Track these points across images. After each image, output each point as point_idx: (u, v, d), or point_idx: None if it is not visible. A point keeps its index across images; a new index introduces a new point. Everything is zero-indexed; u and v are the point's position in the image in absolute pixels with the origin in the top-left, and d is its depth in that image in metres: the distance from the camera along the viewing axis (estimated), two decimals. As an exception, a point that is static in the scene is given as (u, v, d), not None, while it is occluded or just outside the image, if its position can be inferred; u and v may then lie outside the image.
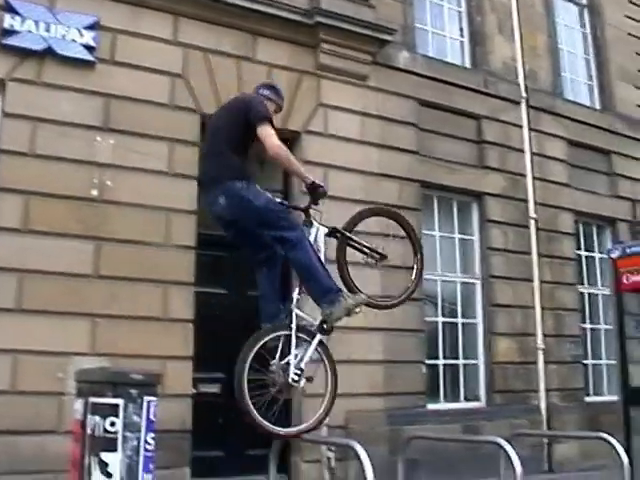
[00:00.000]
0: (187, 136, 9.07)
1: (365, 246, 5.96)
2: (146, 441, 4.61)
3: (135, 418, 4.54)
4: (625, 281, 7.57)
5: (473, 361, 11.31)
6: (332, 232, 5.82)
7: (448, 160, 11.32)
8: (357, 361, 9.65)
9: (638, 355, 9.44)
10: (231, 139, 5.45)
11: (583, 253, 13.24)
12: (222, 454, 9.13)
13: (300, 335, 5.34)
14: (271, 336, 5.29)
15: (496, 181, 11.86)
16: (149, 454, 4.73)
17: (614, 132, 13.88)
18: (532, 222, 12.16)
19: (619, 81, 14.43)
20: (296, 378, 5.22)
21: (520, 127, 12.47)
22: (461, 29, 12.65)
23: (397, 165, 10.68)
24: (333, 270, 5.64)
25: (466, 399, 11.22)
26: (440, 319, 11.00)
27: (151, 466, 4.81)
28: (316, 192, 5.52)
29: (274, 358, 5.28)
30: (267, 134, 5.33)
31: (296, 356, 5.27)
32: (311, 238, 5.60)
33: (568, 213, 12.81)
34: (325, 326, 5.42)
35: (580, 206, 13.00)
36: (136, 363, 7.13)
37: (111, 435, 4.47)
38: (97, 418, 4.51)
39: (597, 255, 13.37)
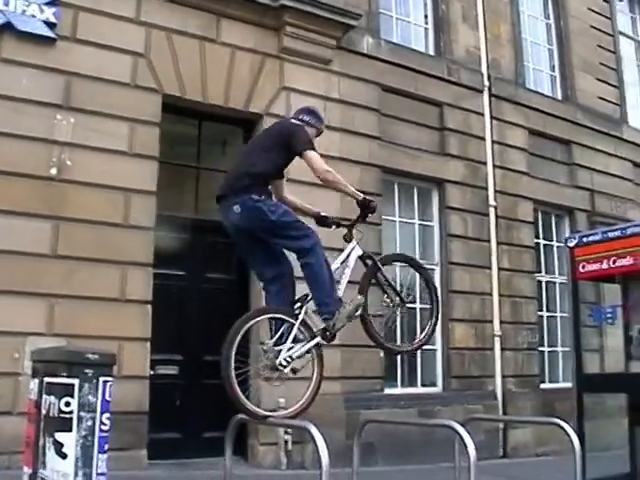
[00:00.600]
0: (148, 116, 9.01)
1: (391, 286, 6.00)
2: (101, 421, 4.57)
3: (90, 398, 4.50)
4: (581, 270, 7.63)
5: (430, 346, 11.38)
6: (365, 257, 5.91)
7: (409, 146, 11.37)
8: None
9: (592, 343, 9.59)
10: (264, 159, 5.53)
11: (541, 242, 13.38)
12: (179, 436, 9.16)
13: (302, 329, 5.41)
14: (275, 315, 5.39)
15: (457, 168, 11.95)
16: (104, 434, 4.70)
17: (575, 123, 14.03)
18: (492, 210, 12.27)
19: (581, 72, 14.58)
20: (284, 364, 5.26)
21: (482, 115, 12.55)
22: (426, 16, 12.69)
23: (358, 150, 10.70)
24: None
25: (423, 384, 11.31)
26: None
27: (106, 446, 4.79)
28: (368, 208, 5.70)
29: (270, 338, 5.36)
30: (314, 160, 5.50)
31: (291, 348, 5.31)
32: (344, 253, 5.81)
33: (527, 202, 12.94)
34: (328, 333, 5.48)
35: (539, 195, 13.13)
36: (93, 344, 7.03)
37: (66, 415, 4.44)
38: (52, 398, 4.47)
39: (555, 244, 13.51)
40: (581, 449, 6.17)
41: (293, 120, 5.96)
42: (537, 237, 13.24)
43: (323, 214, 6.01)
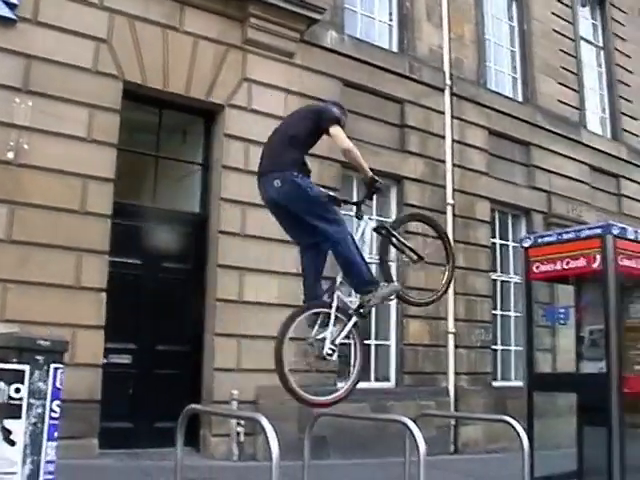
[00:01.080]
0: (108, 103, 8.93)
1: (406, 246, 6.37)
2: (51, 409, 4.54)
3: (41, 385, 4.46)
4: (535, 270, 7.72)
5: (384, 342, 11.46)
6: (379, 228, 6.22)
7: (370, 142, 11.36)
8: (269, 337, 9.64)
9: (545, 342, 9.71)
10: (296, 138, 5.80)
11: (498, 241, 13.51)
12: (131, 425, 9.12)
13: (338, 315, 5.64)
14: (312, 311, 5.63)
15: (416, 166, 12.01)
16: (54, 422, 4.67)
17: (534, 124, 14.19)
18: (449, 208, 12.35)
19: (542, 75, 14.74)
20: (330, 352, 5.52)
21: (442, 114, 12.63)
22: (390, 13, 12.73)
23: (318, 144, 10.59)
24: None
25: (376, 379, 11.36)
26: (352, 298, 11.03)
27: (56, 434, 4.76)
28: (374, 186, 5.93)
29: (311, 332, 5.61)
30: (340, 133, 5.81)
31: (332, 333, 5.55)
32: (359, 231, 6.12)
33: (485, 201, 13.05)
34: (362, 310, 5.82)
35: (497, 195, 13.26)
36: (46, 331, 7.00)
37: (16, 402, 4.40)
38: (2, 384, 4.42)
39: (511, 244, 13.63)
40: (530, 447, 6.25)
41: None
42: (493, 236, 13.37)
43: (332, 194, 6.10)
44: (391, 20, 12.72)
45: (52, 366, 4.52)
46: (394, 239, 6.23)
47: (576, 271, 7.42)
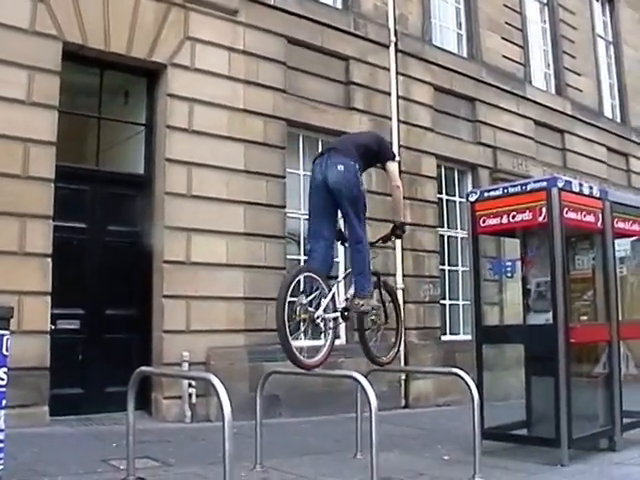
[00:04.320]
0: (48, 64, 8.69)
1: (383, 303, 6.93)
2: (-1, 377, 4.50)
3: (-14, 352, 4.42)
4: (482, 224, 7.75)
5: (336, 299, 11.50)
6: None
7: (315, 100, 11.34)
8: (219, 297, 9.70)
9: (492, 296, 9.81)
10: (364, 148, 6.44)
11: (444, 197, 13.59)
12: (82, 391, 9.08)
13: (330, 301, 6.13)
14: (316, 276, 6.00)
15: (362, 122, 11.93)
16: (2, 390, 4.63)
17: (479, 80, 14.24)
18: (395, 165, 12.33)
19: (487, 31, 14.76)
20: (319, 322, 6.02)
21: (388, 70, 12.58)
22: (334, -31, 12.59)
23: (263, 102, 10.62)
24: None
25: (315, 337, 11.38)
26: (302, 257, 11.01)
27: (4, 402, 4.72)
28: (401, 229, 6.92)
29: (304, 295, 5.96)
30: (396, 171, 6.69)
31: (323, 310, 6.03)
32: None
33: (431, 157, 13.09)
34: (347, 313, 6.36)
35: (443, 151, 13.30)
36: (-10, 298, 6.93)
37: (-40, 369, 4.35)
38: (-54, 352, 4.37)
39: (457, 199, 13.74)
40: (480, 398, 6.35)
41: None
42: (440, 192, 13.43)
43: None
44: (335, -24, 12.59)
45: (-3, 333, 4.46)
46: (382, 289, 6.96)
47: (522, 224, 7.47)
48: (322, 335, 6.25)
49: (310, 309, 5.88)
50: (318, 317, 5.94)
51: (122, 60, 9.51)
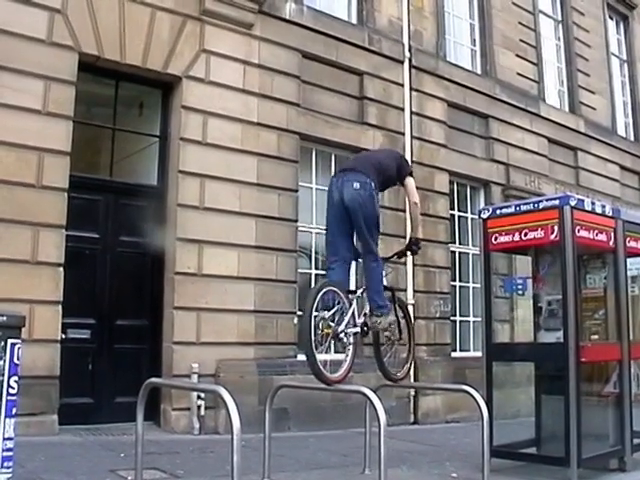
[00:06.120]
0: (64, 75, 8.75)
1: (399, 321, 6.88)
2: (9, 385, 4.50)
3: (-2, 361, 4.42)
4: (493, 241, 7.75)
5: (345, 314, 11.48)
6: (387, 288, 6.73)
7: (329, 114, 11.36)
8: (229, 310, 9.70)
9: (503, 313, 9.80)
10: (383, 166, 6.55)
11: (456, 213, 13.58)
12: (91, 401, 9.08)
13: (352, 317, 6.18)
14: (338, 291, 6.01)
15: (375, 138, 11.95)
16: (12, 398, 4.63)
17: (493, 97, 14.23)
18: (408, 180, 12.33)
19: (501, 48, 14.77)
20: (342, 336, 6.07)
21: (402, 86, 12.59)
22: (349, -16, 12.64)
23: (277, 116, 10.65)
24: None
25: (336, 351, 11.33)
26: (313, 271, 11.06)
27: (14, 410, 4.72)
28: (416, 245, 6.93)
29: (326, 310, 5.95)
30: (414, 187, 6.82)
31: (346, 325, 6.07)
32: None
33: (444, 173, 13.08)
34: (365, 328, 6.42)
35: (456, 167, 13.30)
36: (3, 307, 6.94)
37: (-28, 377, 4.36)
38: (-42, 360, 4.38)
39: (469, 216, 13.71)
40: (489, 416, 6.34)
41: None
42: (452, 208, 13.41)
43: None
44: (350, -9, 12.62)
45: (9, 341, 4.47)
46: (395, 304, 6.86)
47: (534, 242, 7.46)
48: (344, 350, 6.25)
49: (332, 324, 5.91)
50: (341, 332, 5.98)
51: (137, 72, 9.56)
